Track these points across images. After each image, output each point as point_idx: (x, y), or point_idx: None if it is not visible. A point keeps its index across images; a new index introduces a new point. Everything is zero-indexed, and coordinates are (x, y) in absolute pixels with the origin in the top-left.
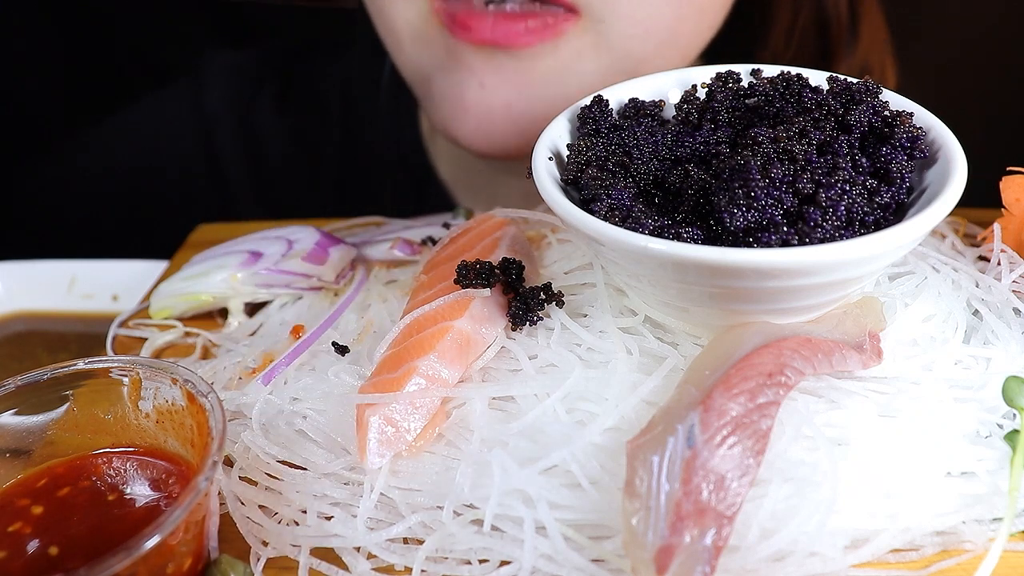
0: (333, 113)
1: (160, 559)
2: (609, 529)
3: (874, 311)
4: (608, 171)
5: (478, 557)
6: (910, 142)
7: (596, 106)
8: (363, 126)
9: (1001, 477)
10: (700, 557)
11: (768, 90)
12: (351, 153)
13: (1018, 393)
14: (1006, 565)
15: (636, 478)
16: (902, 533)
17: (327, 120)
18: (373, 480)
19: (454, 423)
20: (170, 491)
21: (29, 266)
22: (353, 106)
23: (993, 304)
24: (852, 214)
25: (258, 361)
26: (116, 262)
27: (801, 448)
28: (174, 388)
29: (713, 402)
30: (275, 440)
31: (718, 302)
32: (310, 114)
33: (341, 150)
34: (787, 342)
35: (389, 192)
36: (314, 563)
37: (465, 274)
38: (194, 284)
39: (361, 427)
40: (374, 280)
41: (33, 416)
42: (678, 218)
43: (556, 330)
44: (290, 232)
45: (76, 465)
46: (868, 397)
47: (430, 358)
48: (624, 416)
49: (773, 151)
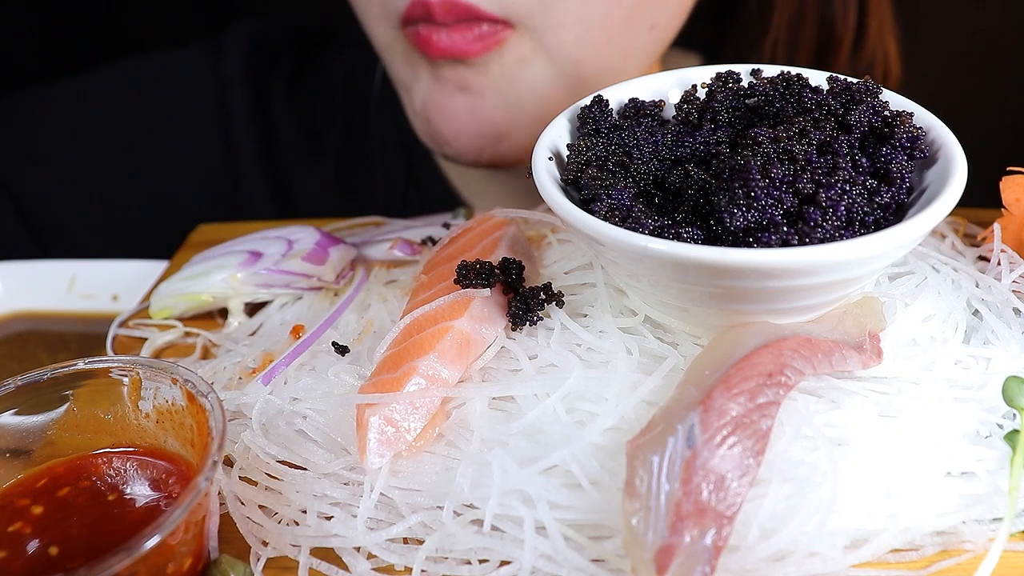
0: (338, 101)
1: (160, 559)
2: (609, 529)
3: (874, 311)
4: (608, 171)
5: (478, 557)
6: (910, 142)
7: (596, 106)
8: (366, 116)
9: (1001, 477)
10: (700, 557)
11: (768, 90)
12: (354, 141)
13: (1018, 393)
14: (1006, 565)
15: (636, 478)
16: (902, 533)
17: (333, 108)
18: (373, 480)
19: (454, 423)
20: (170, 491)
21: (29, 266)
22: (357, 96)
23: (993, 304)
24: (852, 214)
25: (258, 361)
26: (116, 262)
27: (801, 448)
28: (174, 388)
29: (713, 402)
30: (275, 440)
31: (718, 302)
32: (317, 101)
33: (344, 138)
34: (787, 342)
35: (388, 180)
36: (314, 563)
37: (465, 274)
38: (194, 284)
39: (361, 427)
40: (374, 280)
41: (33, 416)
42: (678, 218)
43: (556, 330)
44: (290, 232)
45: (76, 465)
46: (868, 397)
47: (430, 358)
48: (624, 416)
49: (773, 151)
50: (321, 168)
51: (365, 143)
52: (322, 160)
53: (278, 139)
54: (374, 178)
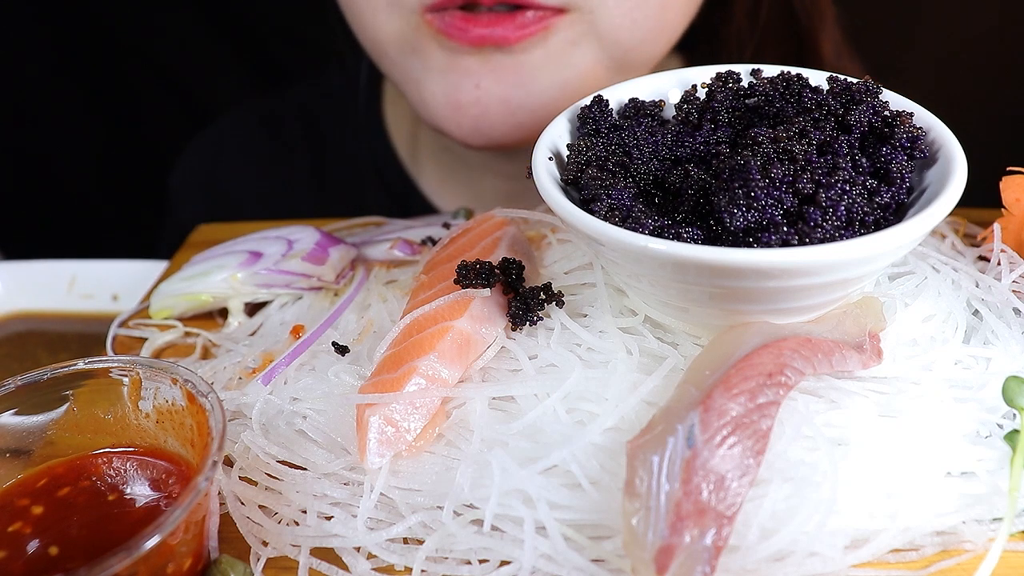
0: (317, 133)
1: (160, 559)
2: (609, 529)
3: (874, 311)
4: (608, 171)
5: (478, 557)
6: (910, 142)
7: (596, 106)
8: (343, 145)
9: (1001, 477)
10: (700, 557)
11: (768, 90)
12: (331, 174)
13: (1018, 393)
14: (1006, 565)
15: (636, 478)
16: (902, 533)
17: (313, 141)
18: (373, 480)
19: (454, 423)
20: (170, 491)
21: (29, 266)
22: (332, 126)
23: (993, 304)
24: (852, 214)
25: (258, 361)
26: (116, 262)
27: (801, 448)
28: (174, 388)
29: (713, 402)
30: (275, 440)
31: (718, 302)
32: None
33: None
34: (787, 342)
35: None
36: (314, 563)
37: (465, 274)
38: (194, 284)
39: (361, 427)
40: (374, 280)
41: (33, 416)
42: (678, 218)
43: (556, 330)
44: (290, 232)
45: (76, 465)
46: (868, 397)
47: (430, 358)
48: (624, 416)
49: (773, 151)
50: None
51: (344, 173)
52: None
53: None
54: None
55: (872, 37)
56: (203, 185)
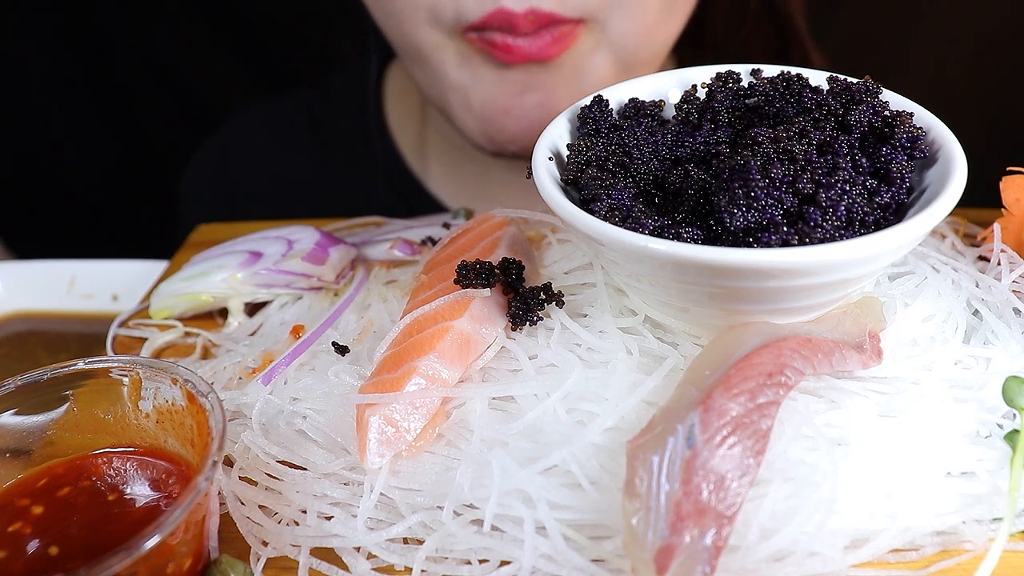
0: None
1: (160, 559)
2: (609, 529)
3: (874, 311)
4: (608, 171)
5: (478, 557)
6: (910, 142)
7: (596, 106)
8: (349, 146)
9: (1001, 477)
10: (700, 557)
11: (768, 90)
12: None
13: (1018, 393)
14: (1006, 565)
15: (636, 478)
16: (902, 533)
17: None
18: (373, 480)
19: (454, 423)
20: (170, 491)
21: (29, 266)
22: (338, 127)
23: (993, 304)
24: (852, 214)
25: (258, 361)
26: (116, 262)
27: (801, 448)
28: (174, 388)
29: (713, 402)
30: (275, 440)
31: (718, 302)
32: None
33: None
34: (787, 342)
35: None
36: (314, 563)
37: (465, 274)
38: (194, 284)
39: (361, 427)
40: (374, 280)
41: (33, 416)
42: (678, 218)
43: (556, 330)
44: (290, 232)
45: (76, 465)
46: (868, 397)
47: (430, 358)
48: (624, 416)
49: (773, 151)
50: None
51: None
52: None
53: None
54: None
55: (872, 37)
56: (213, 189)
